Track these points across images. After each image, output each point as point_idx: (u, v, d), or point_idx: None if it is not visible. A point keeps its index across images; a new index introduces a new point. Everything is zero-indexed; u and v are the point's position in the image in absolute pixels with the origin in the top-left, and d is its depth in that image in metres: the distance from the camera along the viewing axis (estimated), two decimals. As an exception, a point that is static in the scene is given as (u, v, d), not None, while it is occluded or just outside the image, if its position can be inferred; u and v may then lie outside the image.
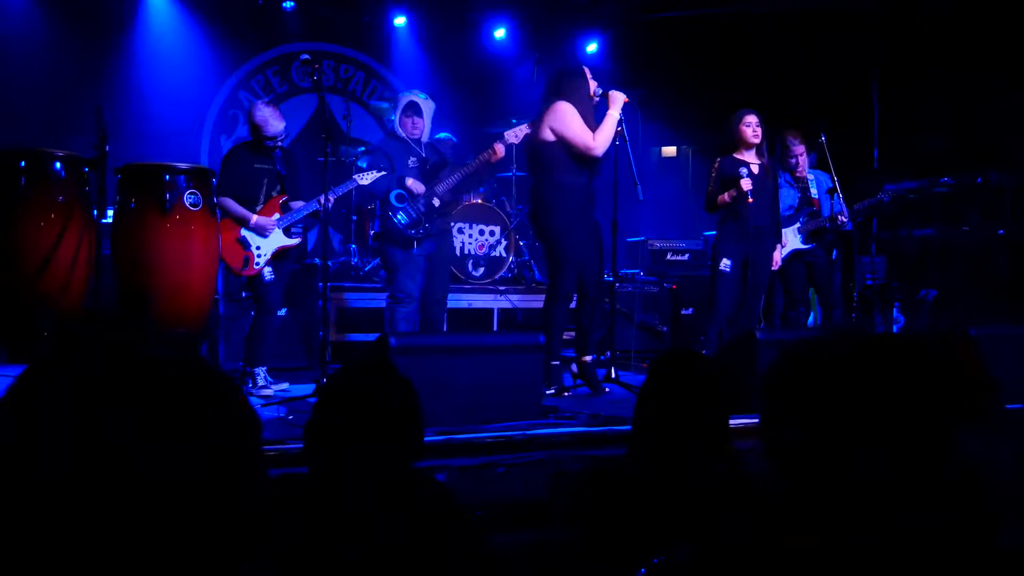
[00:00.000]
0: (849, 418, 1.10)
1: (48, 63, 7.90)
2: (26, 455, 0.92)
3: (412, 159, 5.97)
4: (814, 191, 6.66)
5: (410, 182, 5.87)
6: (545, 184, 5.57)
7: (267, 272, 5.71)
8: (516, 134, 5.77)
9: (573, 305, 5.81)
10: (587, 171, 5.59)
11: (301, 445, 2.08)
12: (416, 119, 6.03)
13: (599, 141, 5.50)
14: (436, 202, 5.91)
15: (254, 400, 4.94)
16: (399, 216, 5.82)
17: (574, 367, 5.83)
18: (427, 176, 5.97)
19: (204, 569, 0.95)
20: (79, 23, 8.05)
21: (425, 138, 6.11)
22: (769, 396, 1.18)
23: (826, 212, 6.54)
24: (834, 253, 6.87)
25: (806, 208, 6.63)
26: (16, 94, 7.69)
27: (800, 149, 6.64)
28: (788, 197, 6.62)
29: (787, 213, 6.58)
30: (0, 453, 0.95)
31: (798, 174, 6.68)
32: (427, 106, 6.12)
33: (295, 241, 5.87)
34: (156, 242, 4.68)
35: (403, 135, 5.98)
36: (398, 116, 6.01)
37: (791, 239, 6.55)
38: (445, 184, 5.94)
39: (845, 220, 6.49)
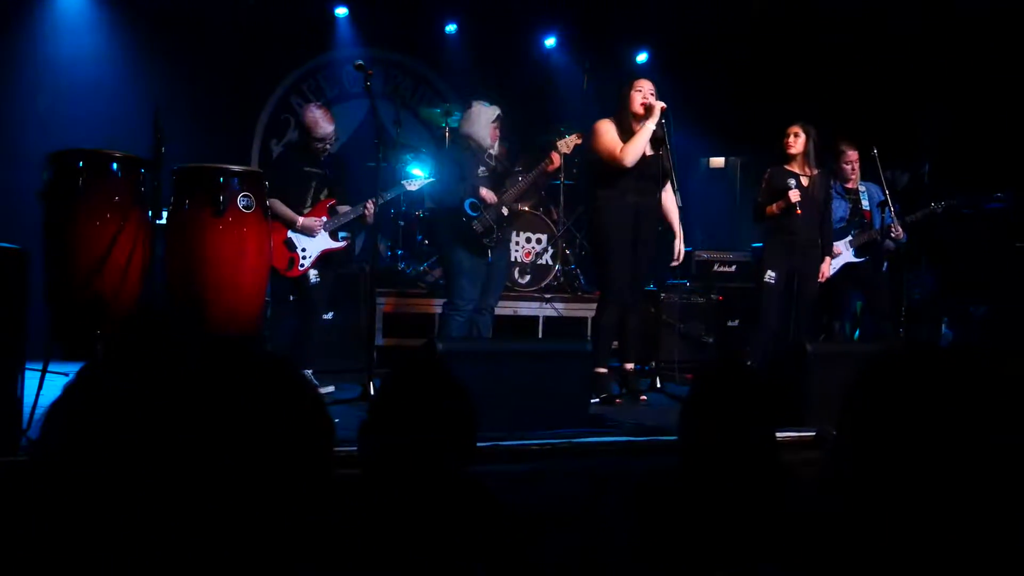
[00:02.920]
0: (932, 430, 1.10)
1: (105, 64, 8.04)
2: (82, 451, 0.94)
3: (482, 168, 5.96)
4: (865, 203, 6.60)
5: (484, 191, 5.86)
6: (594, 197, 5.73)
7: (312, 274, 5.75)
8: (568, 144, 5.81)
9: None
10: (632, 183, 5.60)
11: (349, 447, 2.10)
12: (499, 130, 6.04)
13: (626, 153, 5.51)
14: (505, 211, 5.92)
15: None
16: (475, 224, 5.83)
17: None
18: (495, 185, 5.98)
19: (259, 567, 0.96)
20: (135, 25, 8.17)
21: (495, 149, 6.11)
22: (854, 407, 1.18)
23: (877, 225, 6.48)
24: (884, 266, 6.79)
25: (857, 220, 6.56)
26: (73, 95, 7.83)
27: (854, 155, 6.58)
28: (839, 209, 6.56)
29: (838, 225, 6.52)
30: (57, 449, 0.97)
31: (850, 185, 6.62)
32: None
33: (341, 244, 5.91)
34: (209, 243, 4.72)
35: (487, 145, 5.96)
36: (487, 126, 5.92)
37: (842, 252, 6.49)
38: (511, 193, 5.97)
39: (901, 233, 6.42)
